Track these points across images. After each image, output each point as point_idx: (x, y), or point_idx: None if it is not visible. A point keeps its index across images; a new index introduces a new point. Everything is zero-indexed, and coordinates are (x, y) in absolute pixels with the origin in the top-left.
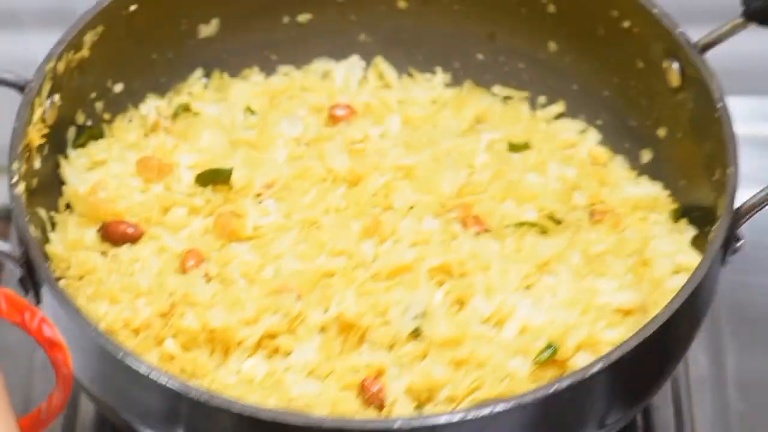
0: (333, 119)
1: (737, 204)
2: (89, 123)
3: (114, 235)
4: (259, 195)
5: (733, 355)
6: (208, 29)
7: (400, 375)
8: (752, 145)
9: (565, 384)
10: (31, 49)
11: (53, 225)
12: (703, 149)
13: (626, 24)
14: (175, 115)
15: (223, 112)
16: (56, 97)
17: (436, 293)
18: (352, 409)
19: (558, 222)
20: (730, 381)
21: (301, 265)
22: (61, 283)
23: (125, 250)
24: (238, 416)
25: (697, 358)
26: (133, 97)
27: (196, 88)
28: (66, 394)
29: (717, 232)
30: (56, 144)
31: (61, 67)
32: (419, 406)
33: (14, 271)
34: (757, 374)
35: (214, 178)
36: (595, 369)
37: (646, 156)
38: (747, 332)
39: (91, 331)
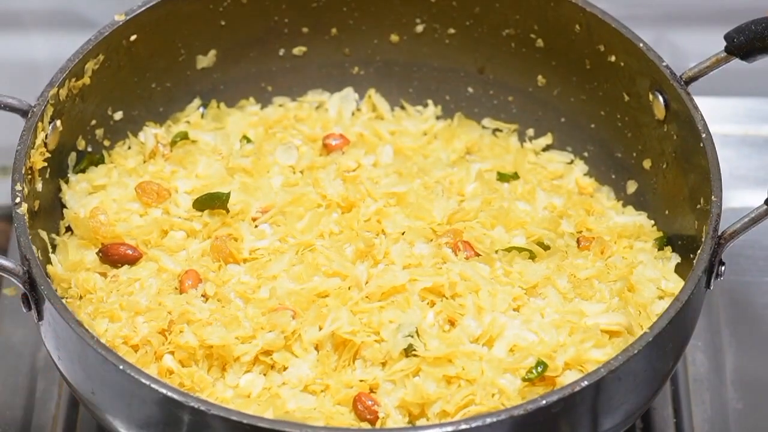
0: (327, 148)
1: (721, 229)
2: (89, 149)
3: (113, 257)
4: (255, 219)
5: (731, 355)
6: (205, 60)
7: (393, 390)
8: (750, 145)
9: (554, 398)
10: (34, 52)
11: (54, 247)
12: (687, 180)
13: (612, 58)
14: (173, 143)
15: (220, 141)
16: (58, 123)
17: (427, 313)
18: (346, 422)
19: (546, 248)
20: (729, 380)
21: (296, 285)
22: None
23: (124, 271)
24: (238, 425)
25: (695, 357)
26: (132, 125)
27: (193, 117)
28: None
29: (700, 258)
30: (57, 169)
31: (63, 93)
32: (411, 421)
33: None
34: (756, 374)
35: (211, 202)
36: (584, 384)
37: (631, 187)
38: (745, 332)
39: (93, 343)
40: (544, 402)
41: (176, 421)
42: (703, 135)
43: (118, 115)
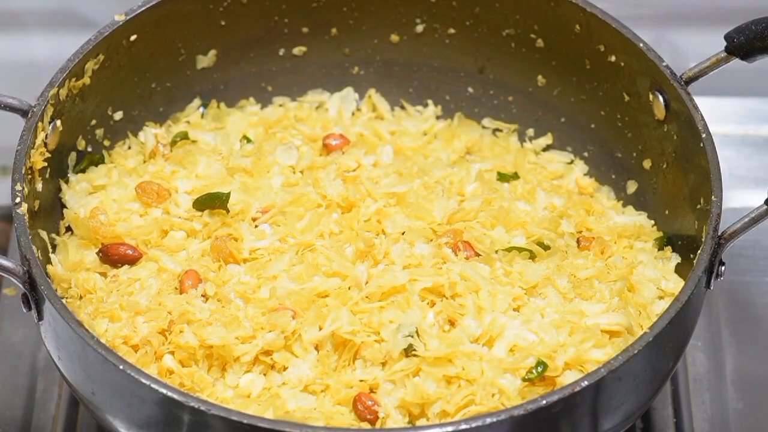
0: (327, 148)
1: (721, 229)
2: (89, 149)
3: (113, 257)
4: (255, 219)
5: (731, 355)
6: (205, 60)
7: (393, 390)
8: (750, 145)
9: (554, 398)
10: (34, 52)
11: (54, 247)
12: (687, 180)
13: (613, 58)
14: (173, 143)
15: (220, 141)
16: (58, 123)
17: (427, 313)
18: (346, 422)
19: (546, 248)
20: (729, 380)
21: (296, 285)
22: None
23: (124, 271)
24: (238, 425)
25: (695, 357)
26: (132, 125)
27: (193, 117)
28: None
29: (700, 258)
30: (57, 168)
31: (63, 93)
32: (411, 421)
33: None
34: (756, 374)
35: (211, 202)
36: (584, 384)
37: (631, 187)
38: (745, 332)
39: (93, 343)
40: (544, 402)
41: (176, 421)
42: (703, 135)
43: (118, 115)
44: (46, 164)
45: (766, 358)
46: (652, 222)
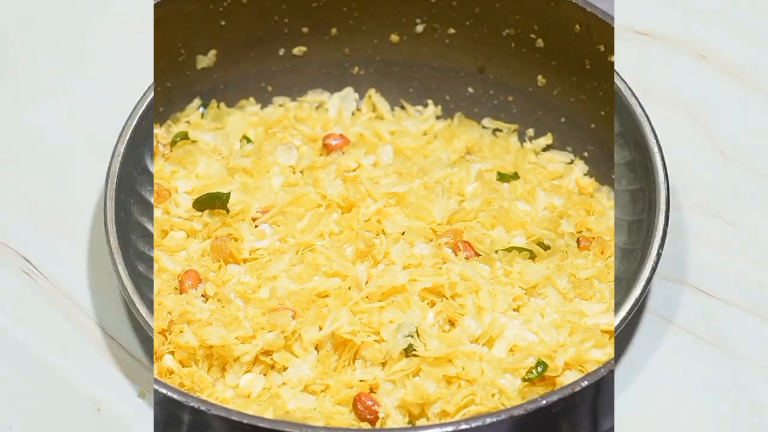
0: (327, 148)
1: None
2: None
3: None
4: (255, 219)
5: None
6: (205, 60)
7: (393, 390)
8: None
9: (554, 398)
10: None
11: None
12: None
13: (612, 58)
14: (173, 143)
15: (220, 141)
16: None
17: (427, 313)
18: (346, 422)
19: (546, 248)
20: None
21: (296, 285)
22: None
23: None
24: (238, 425)
25: None
26: None
27: (193, 117)
28: None
29: None
30: None
31: None
32: (411, 421)
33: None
34: None
35: (211, 202)
36: (584, 384)
37: None
38: None
39: None
40: (544, 402)
41: (176, 421)
42: None
43: None
44: None
45: None
46: None
